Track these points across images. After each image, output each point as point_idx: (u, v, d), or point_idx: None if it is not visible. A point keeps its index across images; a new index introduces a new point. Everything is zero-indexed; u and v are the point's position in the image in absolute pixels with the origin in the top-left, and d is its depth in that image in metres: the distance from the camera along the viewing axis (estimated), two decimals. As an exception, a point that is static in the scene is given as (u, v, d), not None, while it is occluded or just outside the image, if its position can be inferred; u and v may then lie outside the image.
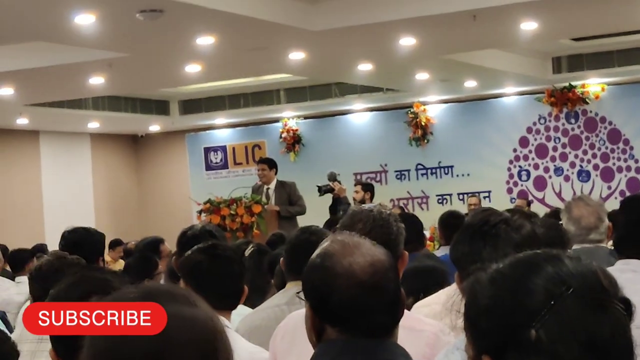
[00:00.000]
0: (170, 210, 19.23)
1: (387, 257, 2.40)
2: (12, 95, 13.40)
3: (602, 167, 16.33)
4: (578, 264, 1.59)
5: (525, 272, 1.58)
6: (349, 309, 2.31)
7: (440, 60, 13.26)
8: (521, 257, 1.63)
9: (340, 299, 2.30)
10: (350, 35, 10.66)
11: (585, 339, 1.51)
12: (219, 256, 3.77)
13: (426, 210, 17.16)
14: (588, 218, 5.03)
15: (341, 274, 2.31)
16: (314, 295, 2.37)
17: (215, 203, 11.33)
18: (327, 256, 2.37)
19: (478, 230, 2.90)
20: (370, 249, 2.38)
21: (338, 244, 2.39)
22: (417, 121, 17.43)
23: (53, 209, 18.25)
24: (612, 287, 1.57)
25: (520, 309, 1.54)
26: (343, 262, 2.33)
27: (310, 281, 2.39)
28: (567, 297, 1.53)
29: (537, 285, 1.55)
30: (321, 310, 2.35)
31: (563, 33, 12.90)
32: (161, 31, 9.58)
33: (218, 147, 19.19)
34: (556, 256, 1.60)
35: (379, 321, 2.33)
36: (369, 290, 2.31)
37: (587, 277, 1.56)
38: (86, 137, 19.34)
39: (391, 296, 2.35)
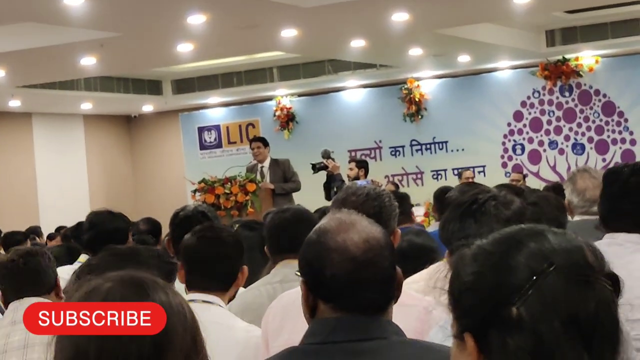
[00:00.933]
0: (165, 190, 19.22)
1: (383, 236, 2.41)
2: (3, 77, 13.36)
3: (596, 139, 16.32)
4: (563, 239, 1.55)
5: (508, 248, 1.55)
6: (341, 284, 2.31)
7: (434, 35, 13.23)
8: (504, 233, 1.60)
9: (332, 273, 2.31)
10: (342, 11, 10.61)
11: (567, 316, 1.48)
12: (209, 238, 3.78)
13: (421, 185, 17.17)
14: (593, 190, 5.00)
15: (335, 249, 2.33)
16: (308, 271, 2.38)
17: (209, 182, 11.32)
18: (322, 232, 2.38)
19: (467, 208, 2.91)
20: (366, 227, 2.39)
21: (334, 221, 2.41)
22: (411, 97, 17.41)
23: (47, 191, 18.23)
24: (598, 263, 1.54)
25: (502, 286, 1.51)
26: (337, 238, 2.34)
27: (305, 257, 2.40)
28: (549, 274, 1.50)
29: (519, 262, 1.52)
30: (315, 286, 2.35)
31: (556, 5, 12.87)
32: (152, 10, 9.54)
33: (212, 126, 19.15)
34: (540, 232, 1.57)
35: (372, 298, 2.33)
36: (362, 266, 2.31)
37: (571, 252, 1.53)
38: (79, 118, 19.30)
39: (385, 274, 2.36)
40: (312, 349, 2.33)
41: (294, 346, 2.38)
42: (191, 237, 3.82)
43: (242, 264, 3.78)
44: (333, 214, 2.51)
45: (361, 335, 2.30)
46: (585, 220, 4.85)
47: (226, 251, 3.74)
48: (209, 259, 3.69)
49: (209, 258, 3.70)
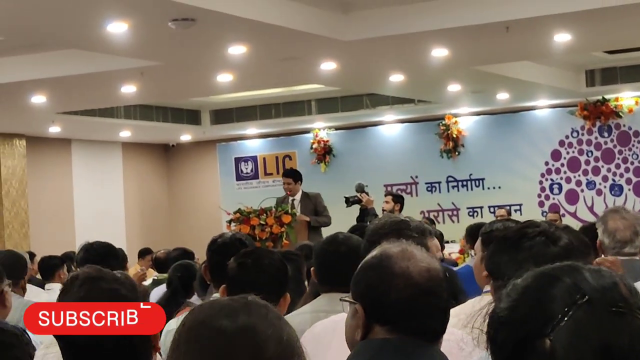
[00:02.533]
0: (200, 220, 19.27)
1: (441, 267, 2.47)
2: (44, 103, 13.48)
3: (634, 181, 16.20)
4: (597, 274, 1.56)
5: (542, 283, 1.56)
6: (403, 309, 2.35)
7: (473, 72, 13.21)
8: (539, 270, 1.61)
9: (397, 298, 2.35)
10: (382, 46, 10.63)
11: (600, 347, 1.47)
12: (249, 265, 3.77)
13: (457, 222, 17.10)
14: (624, 232, 4.98)
15: (399, 274, 2.37)
16: (368, 294, 2.41)
17: (245, 213, 11.32)
18: (385, 257, 2.43)
19: (516, 242, 2.89)
20: (426, 257, 2.45)
21: (395, 249, 2.45)
22: (448, 133, 17.38)
23: (84, 217, 18.34)
24: (632, 297, 1.53)
25: (536, 319, 1.52)
26: (401, 264, 2.39)
27: (366, 280, 2.43)
28: (582, 305, 1.50)
29: (554, 295, 1.53)
30: (374, 309, 2.38)
31: (597, 45, 12.81)
32: (193, 40, 9.59)
33: (249, 157, 19.21)
34: (575, 268, 1.58)
35: (430, 325, 2.38)
36: (425, 294, 2.36)
37: (606, 286, 1.53)
38: (118, 145, 19.43)
39: (443, 303, 2.42)
40: None
41: None
42: (233, 262, 3.83)
43: (284, 290, 3.77)
44: (388, 243, 2.54)
45: (407, 358, 2.32)
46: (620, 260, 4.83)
47: (266, 277, 3.72)
48: (248, 285, 3.64)
49: (249, 284, 3.63)
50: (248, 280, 3.70)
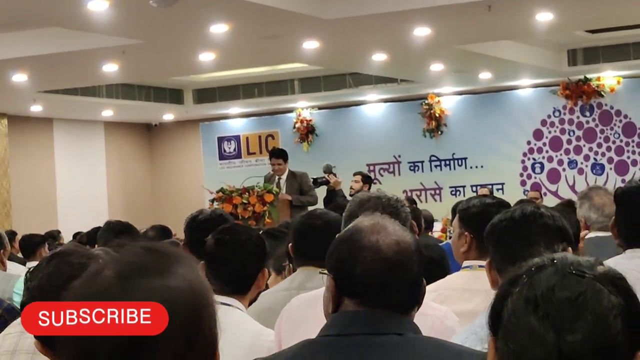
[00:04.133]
0: (183, 199, 19.24)
1: (413, 241, 2.46)
2: (25, 82, 13.42)
3: (616, 160, 16.27)
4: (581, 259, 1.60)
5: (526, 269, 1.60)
6: (370, 282, 2.36)
7: (455, 51, 13.22)
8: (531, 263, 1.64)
9: (363, 271, 2.36)
10: (364, 25, 10.62)
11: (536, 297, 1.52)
12: (227, 241, 3.77)
13: (439, 201, 17.15)
14: (610, 206, 5.01)
15: (367, 247, 2.38)
16: (338, 267, 2.42)
17: (227, 192, 11.34)
18: (356, 231, 2.44)
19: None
20: (398, 230, 2.45)
21: (368, 222, 2.46)
22: (431, 112, 17.40)
23: (66, 196, 18.30)
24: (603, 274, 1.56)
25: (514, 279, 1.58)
26: (370, 238, 2.39)
27: (337, 253, 2.45)
28: (547, 267, 1.55)
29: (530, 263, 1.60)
30: (343, 282, 2.39)
31: (579, 25, 12.85)
32: (175, 18, 9.57)
33: (232, 136, 19.19)
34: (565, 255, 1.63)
35: (398, 298, 2.38)
36: (393, 267, 2.37)
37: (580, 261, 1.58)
38: (100, 125, 19.37)
39: (413, 277, 2.41)
40: (328, 341, 2.37)
41: (310, 339, 2.41)
42: (210, 238, 3.82)
43: (261, 266, 3.77)
44: (365, 215, 2.56)
45: (378, 329, 2.34)
46: (602, 237, 4.85)
47: (244, 254, 3.72)
48: (226, 261, 3.69)
49: (226, 261, 3.69)
50: (226, 257, 3.70)
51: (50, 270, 2.72)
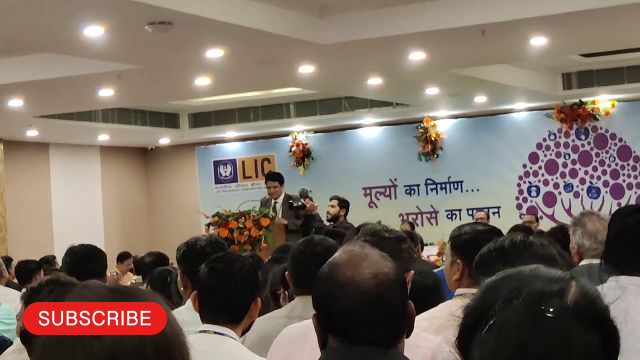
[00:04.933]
0: (179, 223, 19.24)
1: (394, 271, 2.40)
2: (21, 107, 13.43)
3: (612, 183, 16.29)
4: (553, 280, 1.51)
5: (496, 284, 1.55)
6: (349, 319, 2.32)
7: (450, 75, 13.26)
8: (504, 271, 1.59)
9: (341, 308, 2.32)
10: (359, 49, 10.66)
11: (515, 347, 1.44)
12: (220, 270, 3.74)
13: (435, 225, 17.14)
14: (603, 232, 5.00)
15: (344, 283, 2.33)
16: (318, 305, 2.39)
17: (223, 216, 11.33)
18: (333, 266, 2.40)
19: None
20: (377, 262, 2.39)
21: (346, 255, 2.41)
22: (426, 136, 17.43)
23: (62, 221, 18.28)
24: (575, 307, 1.47)
25: (479, 314, 1.51)
26: (347, 273, 2.35)
27: (317, 291, 2.42)
28: (515, 304, 1.47)
29: (498, 295, 1.51)
30: (325, 320, 2.36)
31: (573, 49, 12.89)
32: (170, 43, 9.59)
33: (227, 160, 19.21)
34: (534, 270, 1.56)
35: (380, 333, 2.33)
36: (371, 301, 2.32)
37: (550, 290, 1.48)
38: (96, 149, 19.38)
39: (394, 309, 2.36)
40: None
41: None
42: (204, 267, 3.79)
43: (255, 295, 3.74)
44: (345, 247, 2.52)
45: None
46: (595, 264, 4.84)
47: (236, 283, 3.69)
48: (219, 290, 3.67)
49: (219, 290, 3.67)
50: (219, 286, 3.68)
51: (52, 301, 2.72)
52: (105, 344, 1.51)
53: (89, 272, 5.16)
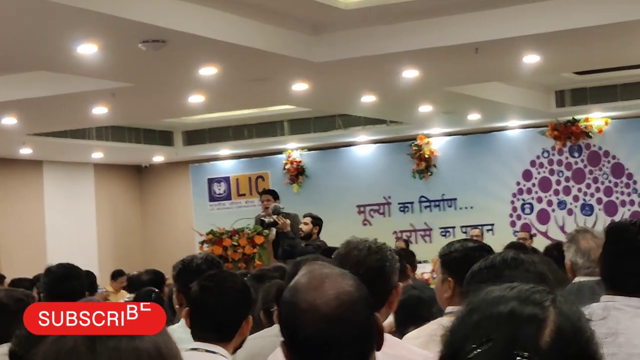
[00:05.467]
0: (173, 241, 19.22)
1: (355, 289, 2.35)
2: (15, 125, 13.43)
3: (605, 200, 16.31)
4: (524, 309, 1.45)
5: (470, 312, 1.50)
6: (315, 344, 2.29)
7: (444, 93, 13.28)
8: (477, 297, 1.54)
9: (305, 334, 2.29)
10: (353, 67, 10.68)
11: None
12: (211, 288, 3.74)
13: (429, 242, 17.15)
14: (597, 250, 4.98)
15: (306, 309, 2.29)
16: (284, 331, 2.36)
17: (217, 234, 11.33)
18: (294, 291, 2.35)
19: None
20: (337, 282, 2.34)
21: (305, 278, 2.37)
22: (420, 153, 17.45)
23: (56, 239, 18.24)
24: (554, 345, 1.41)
25: (454, 348, 1.47)
26: (307, 298, 2.30)
27: (281, 317, 2.39)
28: (486, 347, 1.42)
29: (469, 329, 1.47)
30: (291, 345, 2.34)
31: (566, 67, 12.93)
32: (164, 61, 9.60)
33: (222, 178, 19.21)
34: (505, 299, 1.50)
35: (348, 354, 2.30)
36: (334, 324, 2.28)
37: (522, 327, 1.42)
38: (90, 167, 19.36)
39: (360, 328, 2.32)
40: None
41: None
42: (195, 285, 3.80)
43: (246, 314, 3.74)
44: (306, 268, 2.45)
45: None
46: (585, 282, 4.84)
47: (227, 301, 3.69)
48: (210, 309, 3.67)
49: (210, 308, 3.67)
50: (210, 304, 3.69)
51: None
52: (101, 356, 1.51)
53: (68, 292, 5.15)
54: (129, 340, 1.54)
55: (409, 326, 3.74)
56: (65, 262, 6.16)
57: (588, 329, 1.46)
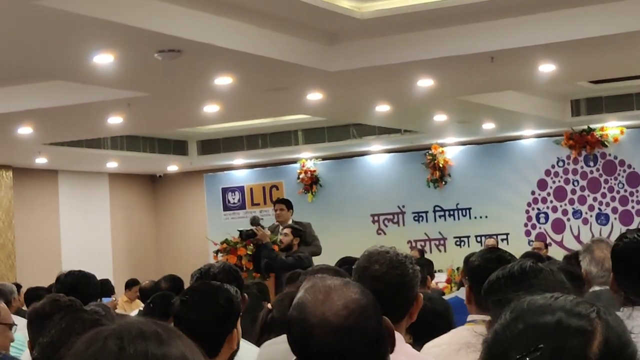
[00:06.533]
0: (188, 250, 19.24)
1: (362, 296, 2.36)
2: (31, 135, 13.47)
3: (620, 210, 16.25)
4: (570, 318, 1.45)
5: (511, 325, 1.49)
6: (329, 356, 2.29)
7: (458, 102, 13.27)
8: (516, 308, 1.53)
9: (319, 348, 2.29)
10: (367, 76, 10.67)
11: None
12: (193, 302, 3.68)
13: (444, 252, 17.12)
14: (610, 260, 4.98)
15: (316, 324, 2.30)
16: (295, 348, 2.36)
17: (232, 243, 11.30)
18: (301, 308, 2.35)
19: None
20: (342, 292, 2.35)
21: (310, 293, 2.37)
22: (435, 163, 17.43)
23: (71, 248, 18.29)
24: (601, 354, 1.41)
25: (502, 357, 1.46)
26: (316, 312, 2.31)
27: (291, 334, 2.38)
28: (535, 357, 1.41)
29: (515, 341, 1.46)
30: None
31: (581, 75, 12.89)
32: (179, 71, 9.62)
33: (236, 187, 19.22)
34: (548, 309, 1.49)
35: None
36: (346, 334, 2.29)
37: (569, 337, 1.42)
38: (104, 176, 19.41)
39: (372, 335, 2.33)
40: None
41: None
42: (177, 298, 3.77)
43: (229, 328, 3.67)
44: (307, 283, 2.45)
45: None
46: (601, 291, 4.83)
47: (209, 316, 3.63)
48: (190, 323, 3.58)
49: (190, 322, 3.59)
50: (190, 318, 3.62)
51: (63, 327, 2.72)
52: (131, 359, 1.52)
53: (82, 299, 5.16)
54: (158, 346, 1.55)
55: (425, 339, 3.72)
56: (76, 269, 6.18)
57: (632, 343, 1.46)
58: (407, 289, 3.35)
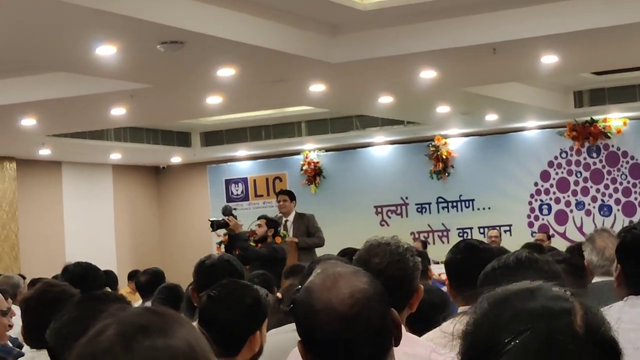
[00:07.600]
0: (191, 242, 19.26)
1: (370, 286, 2.36)
2: (34, 126, 13.49)
3: (623, 201, 16.25)
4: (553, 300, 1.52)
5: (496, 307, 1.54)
6: (332, 344, 2.30)
7: (461, 93, 13.27)
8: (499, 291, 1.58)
9: (322, 334, 2.30)
10: (370, 68, 10.68)
11: None
12: (218, 300, 3.64)
13: (447, 243, 17.11)
14: (612, 249, 4.99)
15: (321, 309, 2.30)
16: (300, 331, 2.37)
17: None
18: (308, 292, 2.35)
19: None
20: (351, 280, 2.35)
21: (318, 279, 2.38)
22: (438, 154, 17.43)
23: (74, 239, 18.32)
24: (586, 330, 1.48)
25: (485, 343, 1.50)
26: (322, 298, 2.31)
27: (296, 318, 2.40)
28: (525, 335, 1.46)
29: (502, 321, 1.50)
30: (309, 345, 2.35)
31: (584, 67, 12.88)
32: (182, 63, 9.63)
33: (239, 179, 19.23)
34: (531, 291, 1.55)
35: (365, 353, 2.32)
36: (351, 322, 2.29)
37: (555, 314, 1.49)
38: (108, 168, 19.43)
39: (376, 326, 2.33)
40: None
41: None
42: (204, 294, 3.70)
43: (254, 328, 3.62)
44: (319, 268, 2.47)
45: None
46: (606, 281, 4.83)
47: (234, 315, 3.59)
48: (215, 321, 3.56)
49: (215, 320, 3.56)
50: (216, 316, 3.58)
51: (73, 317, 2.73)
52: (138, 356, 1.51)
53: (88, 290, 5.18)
54: (163, 339, 1.53)
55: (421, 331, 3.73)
56: (83, 261, 6.21)
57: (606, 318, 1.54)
58: (407, 281, 3.36)
